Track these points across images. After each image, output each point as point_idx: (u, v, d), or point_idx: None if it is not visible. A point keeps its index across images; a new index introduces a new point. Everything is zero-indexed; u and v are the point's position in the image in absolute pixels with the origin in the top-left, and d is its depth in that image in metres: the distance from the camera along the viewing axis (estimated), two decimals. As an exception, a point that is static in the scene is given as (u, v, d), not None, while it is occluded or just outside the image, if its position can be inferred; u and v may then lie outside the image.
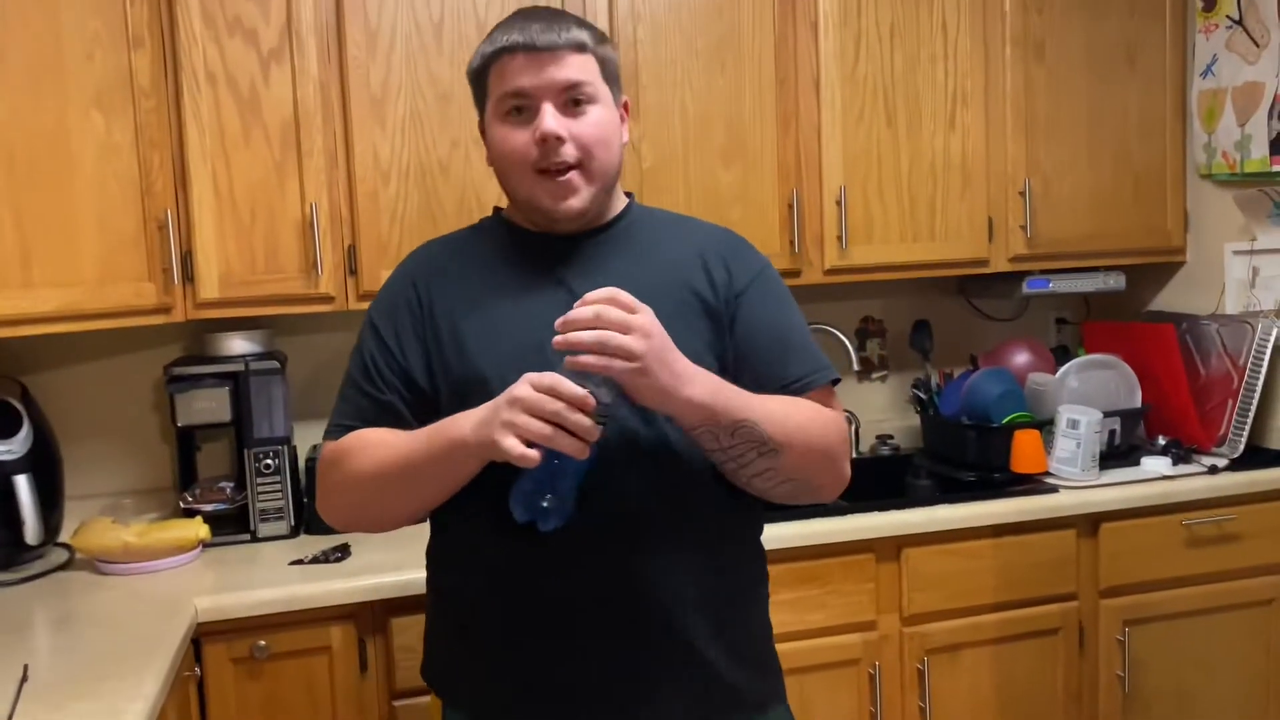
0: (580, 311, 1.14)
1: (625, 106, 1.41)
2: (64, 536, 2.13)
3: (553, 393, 1.12)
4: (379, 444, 1.30)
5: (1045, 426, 2.44)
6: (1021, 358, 2.63)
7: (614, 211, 1.42)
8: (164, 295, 2.03)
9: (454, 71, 2.18)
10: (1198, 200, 2.68)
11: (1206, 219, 2.67)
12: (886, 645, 2.20)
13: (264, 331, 2.27)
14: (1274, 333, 2.44)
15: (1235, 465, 2.43)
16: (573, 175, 1.31)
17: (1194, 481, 2.37)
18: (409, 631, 1.92)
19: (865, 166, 2.45)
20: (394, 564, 1.95)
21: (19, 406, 2.08)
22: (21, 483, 2.00)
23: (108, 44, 1.93)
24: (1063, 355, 2.71)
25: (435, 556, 1.43)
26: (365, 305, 2.15)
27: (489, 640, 1.33)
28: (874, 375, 2.86)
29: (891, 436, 2.77)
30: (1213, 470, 2.40)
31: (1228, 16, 2.54)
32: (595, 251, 1.38)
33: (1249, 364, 2.47)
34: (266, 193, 2.11)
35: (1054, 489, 2.32)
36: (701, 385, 1.19)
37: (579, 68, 1.30)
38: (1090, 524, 2.30)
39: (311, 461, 2.27)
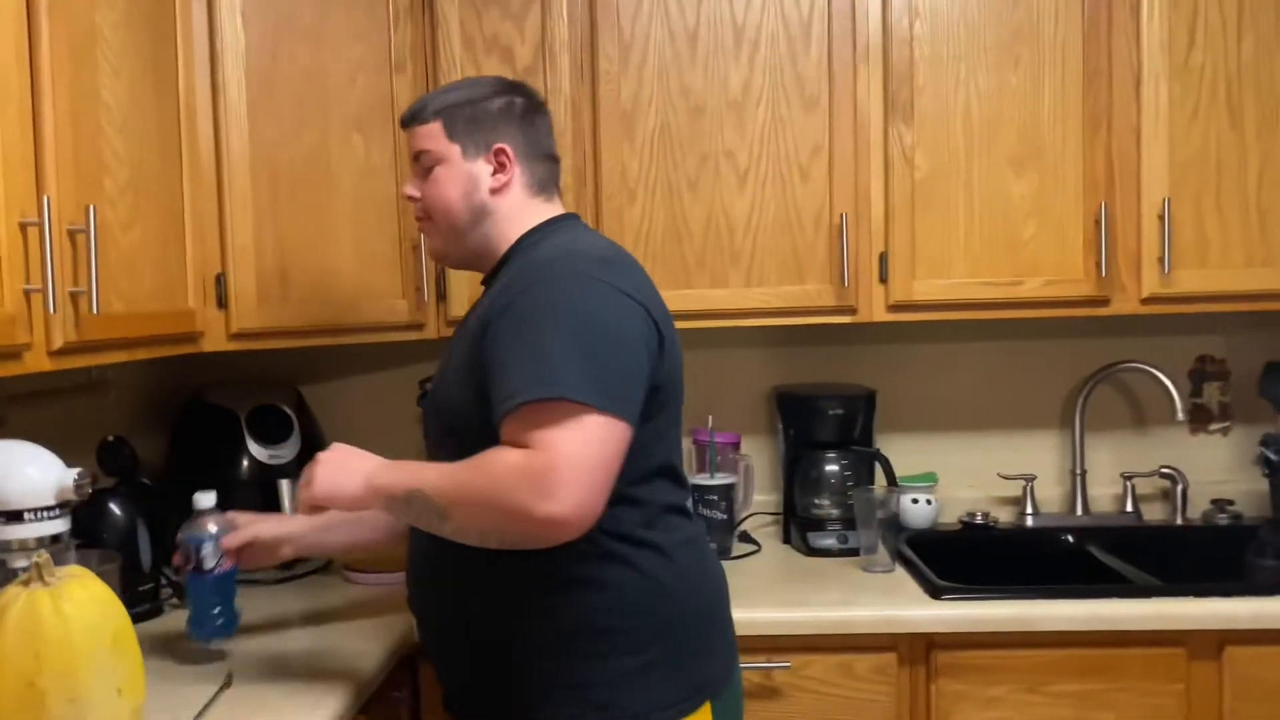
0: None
1: (499, 152, 1.48)
2: (326, 541, 2.23)
3: None
4: None
5: None
6: None
7: (503, 251, 1.50)
8: (416, 313, 2.07)
9: (707, 82, 2.06)
10: None
11: None
12: (1200, 764, 1.78)
13: (516, 351, 2.26)
14: None
15: None
16: (426, 224, 1.55)
17: None
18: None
19: (1199, 175, 2.02)
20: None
21: (290, 414, 2.21)
22: (285, 486, 2.11)
23: (371, 69, 1.99)
24: None
25: None
26: (609, 327, 2.10)
27: None
28: (1212, 427, 2.38)
29: (1231, 502, 2.28)
30: None
31: None
32: (486, 294, 1.49)
33: None
34: (516, 212, 2.09)
35: None
36: (365, 477, 1.37)
37: (420, 138, 1.51)
38: None
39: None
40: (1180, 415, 2.16)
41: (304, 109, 1.91)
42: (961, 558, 2.18)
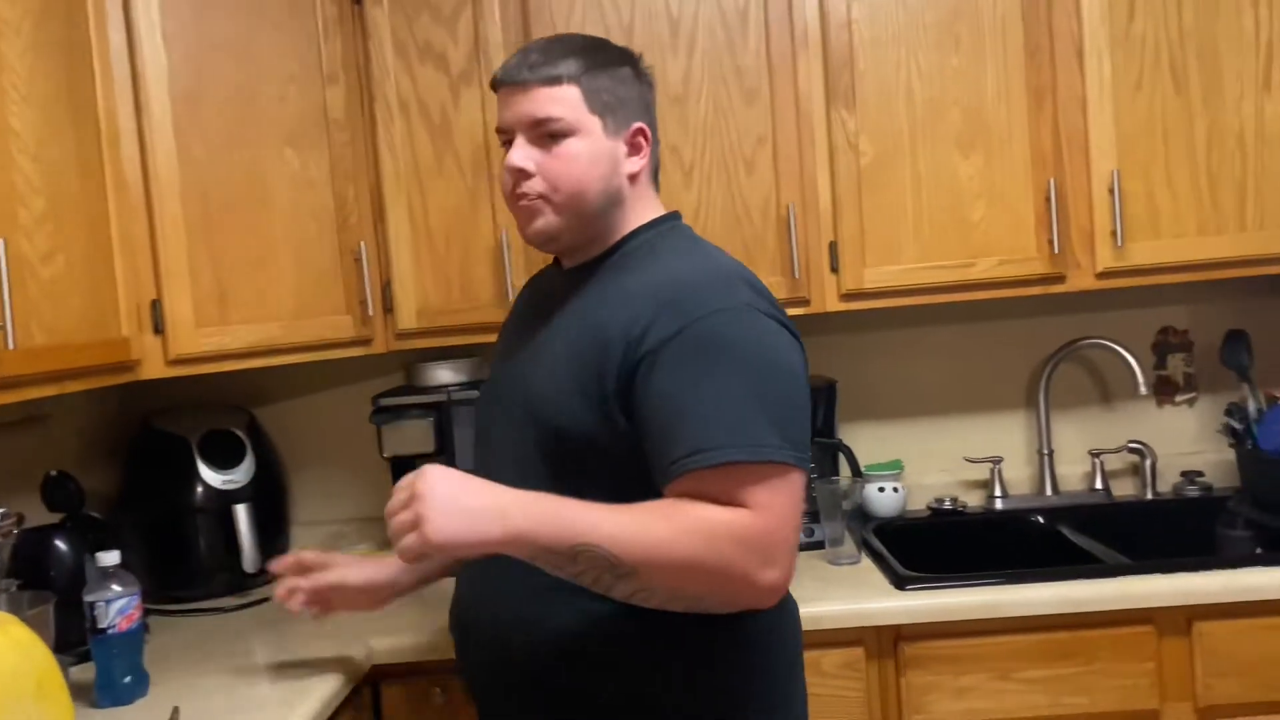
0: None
1: (639, 133, 1.33)
2: (287, 564, 2.19)
3: None
4: None
5: None
6: (1379, 376, 2.05)
7: (612, 243, 1.35)
8: (361, 327, 2.03)
9: (646, 77, 2.02)
10: None
11: None
12: (1176, 741, 1.76)
13: (471, 361, 2.23)
14: None
15: None
16: (537, 202, 1.30)
17: None
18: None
19: (1147, 145, 2.00)
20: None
21: (244, 437, 2.17)
22: (241, 512, 2.07)
23: (302, 82, 1.96)
24: None
25: None
26: (561, 331, 2.07)
27: None
28: (1178, 399, 2.35)
29: (1201, 474, 2.26)
30: None
31: None
32: (579, 287, 1.34)
33: None
34: (460, 221, 2.06)
35: None
36: (500, 522, 1.09)
37: (550, 101, 1.27)
38: None
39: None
40: (1143, 389, 2.14)
41: (234, 126, 1.87)
42: (931, 545, 2.16)
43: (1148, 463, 2.25)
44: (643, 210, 1.35)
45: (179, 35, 1.81)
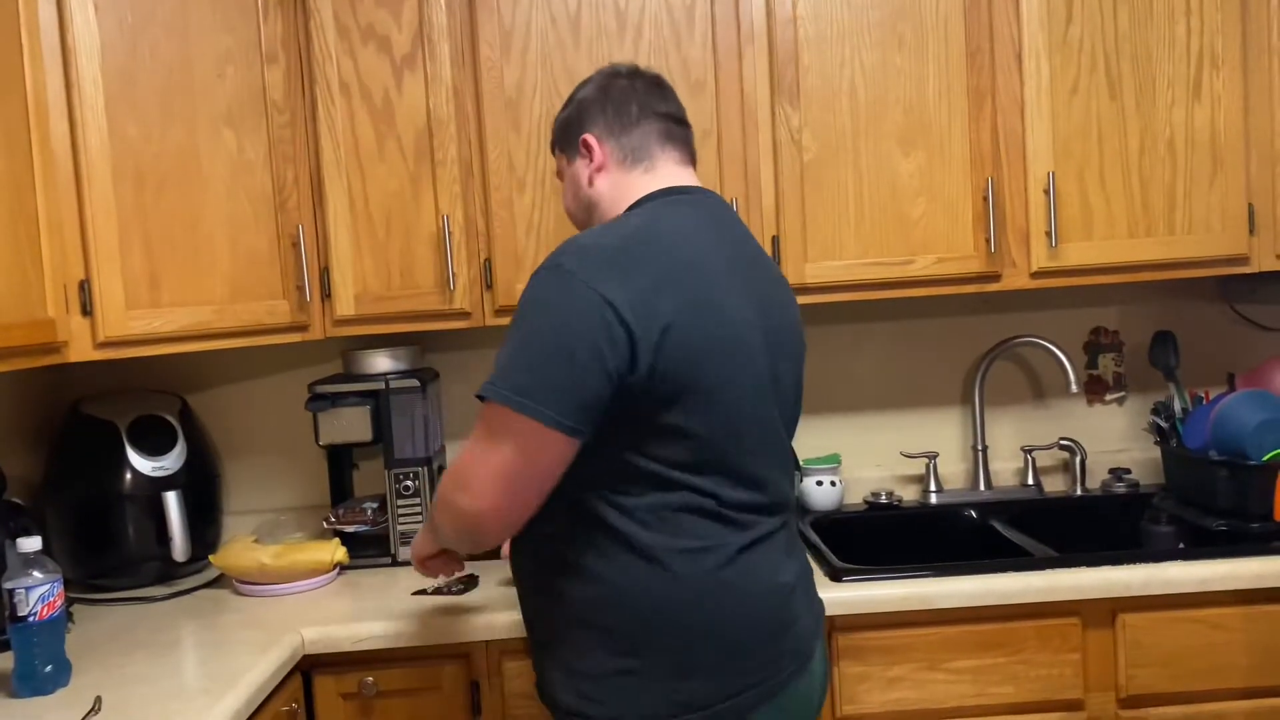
0: None
1: (583, 144, 1.49)
2: (219, 552, 2.15)
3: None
4: None
5: (1326, 465, 1.93)
6: (1296, 377, 2.11)
7: None
8: (298, 313, 2.00)
9: (592, 67, 1.99)
10: None
11: None
12: (1098, 730, 1.80)
13: (410, 349, 2.20)
14: None
15: None
16: None
17: None
18: (523, 678, 1.76)
19: (1082, 147, 2.04)
20: (512, 600, 1.80)
21: (175, 423, 2.12)
22: (171, 499, 2.03)
23: (240, 60, 1.92)
24: (1359, 374, 2.15)
25: None
26: (503, 320, 2.06)
27: None
28: (1108, 397, 2.41)
29: (1128, 471, 2.31)
30: None
31: None
32: None
33: None
34: (401, 206, 2.03)
35: (1333, 547, 1.81)
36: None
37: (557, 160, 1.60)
38: (1385, 595, 1.78)
39: (456, 484, 2.17)
40: (1074, 387, 2.18)
41: (169, 104, 1.83)
42: (867, 538, 2.19)
43: (1078, 460, 2.30)
44: (625, 196, 1.46)
45: (111, 8, 1.76)
